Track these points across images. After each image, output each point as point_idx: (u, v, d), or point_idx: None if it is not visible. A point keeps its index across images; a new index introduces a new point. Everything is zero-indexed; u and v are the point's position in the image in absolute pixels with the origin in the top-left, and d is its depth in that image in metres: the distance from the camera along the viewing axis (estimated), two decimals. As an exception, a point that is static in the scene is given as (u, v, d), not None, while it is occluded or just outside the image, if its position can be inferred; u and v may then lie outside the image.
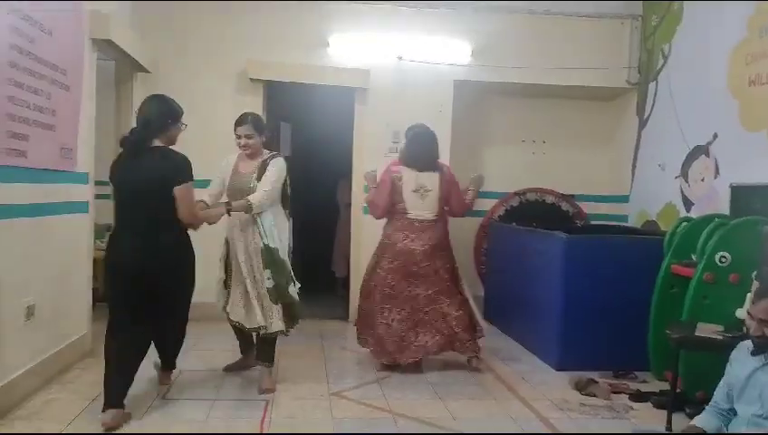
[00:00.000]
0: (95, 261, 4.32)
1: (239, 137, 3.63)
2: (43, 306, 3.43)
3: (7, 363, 3.11)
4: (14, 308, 3.17)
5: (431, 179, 4.02)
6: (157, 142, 3.11)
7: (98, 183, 4.32)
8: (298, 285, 3.62)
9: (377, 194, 4.08)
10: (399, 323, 3.95)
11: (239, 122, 3.66)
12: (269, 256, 3.48)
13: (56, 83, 3.55)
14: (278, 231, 3.56)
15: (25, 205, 3.24)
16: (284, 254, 3.57)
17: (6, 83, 2.98)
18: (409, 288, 3.97)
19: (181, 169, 3.06)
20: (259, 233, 3.49)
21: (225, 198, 3.60)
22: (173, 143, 3.23)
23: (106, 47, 4.27)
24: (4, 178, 3.00)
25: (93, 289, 4.35)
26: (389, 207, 4.03)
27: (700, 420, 2.42)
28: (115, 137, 4.93)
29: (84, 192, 4.06)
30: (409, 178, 4.01)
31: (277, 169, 3.58)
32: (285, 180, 3.66)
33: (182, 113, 3.30)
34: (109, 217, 5.11)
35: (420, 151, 4.06)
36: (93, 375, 3.71)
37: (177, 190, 3.03)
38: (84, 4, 3.93)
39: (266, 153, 3.69)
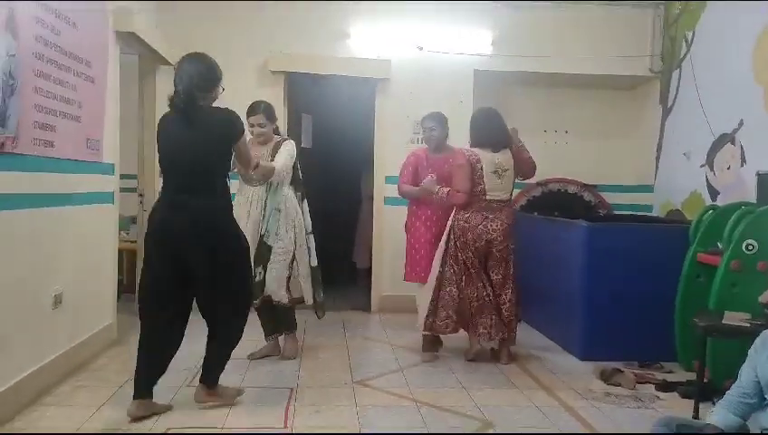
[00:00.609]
0: (119, 252, 4.38)
1: (252, 126, 3.74)
2: (70, 295, 3.48)
3: (37, 350, 3.16)
4: (42, 296, 3.22)
5: (506, 157, 4.01)
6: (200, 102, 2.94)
7: (124, 176, 4.38)
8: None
9: (459, 181, 3.95)
10: (469, 300, 3.94)
11: (252, 111, 3.77)
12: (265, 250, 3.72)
13: (81, 75, 3.59)
14: (287, 219, 3.77)
15: (53, 194, 3.29)
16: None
17: (33, 74, 3.02)
18: (485, 272, 3.98)
19: (238, 123, 3.00)
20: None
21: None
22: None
23: (129, 40, 4.32)
24: (32, 167, 3.04)
25: (118, 280, 4.41)
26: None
27: (718, 418, 2.34)
28: (138, 130, 5.02)
29: (110, 183, 4.12)
30: (486, 159, 3.96)
31: (289, 149, 3.75)
32: (296, 164, 3.84)
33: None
34: (132, 210, 5.20)
35: (493, 130, 4.04)
36: (120, 363, 3.78)
37: (241, 144, 3.02)
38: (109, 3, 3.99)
39: (277, 138, 3.86)
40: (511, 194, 4.08)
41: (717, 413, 2.34)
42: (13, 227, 2.89)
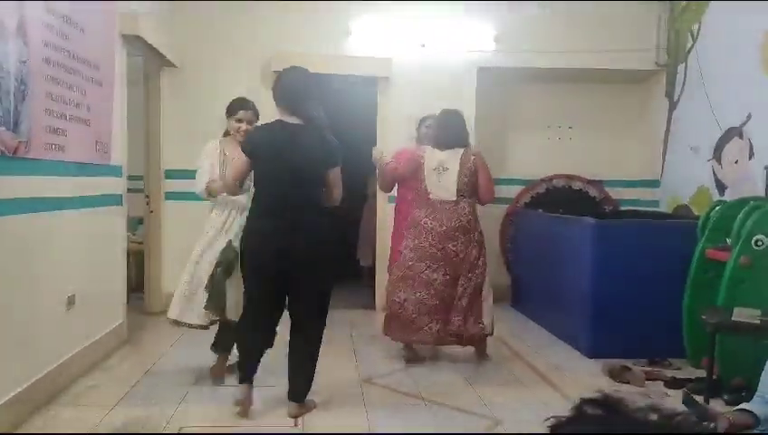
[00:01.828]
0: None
1: (240, 121, 3.52)
2: (82, 296, 3.51)
3: (51, 351, 3.20)
4: (56, 298, 3.26)
5: (452, 157, 3.87)
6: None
7: (130, 177, 4.41)
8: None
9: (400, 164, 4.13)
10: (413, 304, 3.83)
11: (242, 106, 3.55)
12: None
13: (90, 79, 3.61)
14: None
15: (65, 198, 3.32)
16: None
17: (43, 79, 3.05)
18: (427, 271, 3.82)
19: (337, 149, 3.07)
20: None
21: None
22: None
23: (135, 43, 4.34)
24: (44, 171, 3.07)
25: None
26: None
27: (750, 406, 2.36)
28: (144, 131, 5.05)
29: (118, 185, 4.15)
30: (430, 156, 3.91)
31: None
32: None
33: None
34: (139, 211, 5.24)
35: (443, 129, 3.98)
36: (131, 363, 3.82)
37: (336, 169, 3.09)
38: (115, 3, 4.01)
39: None
40: (458, 196, 3.84)
41: (752, 404, 2.35)
42: (27, 230, 2.92)
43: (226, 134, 3.61)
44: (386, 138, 5.44)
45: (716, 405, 3.17)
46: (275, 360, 3.19)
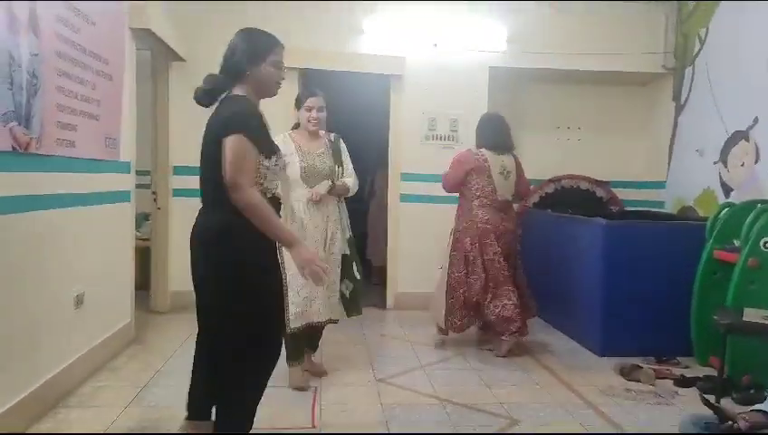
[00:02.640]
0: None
1: (310, 109, 3.29)
2: (91, 295, 3.47)
3: (60, 351, 3.16)
4: (64, 297, 3.21)
5: (509, 161, 4.26)
6: (238, 91, 2.35)
7: (136, 173, 4.36)
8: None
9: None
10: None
11: (311, 93, 3.34)
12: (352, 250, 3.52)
13: (100, 73, 3.56)
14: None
15: (75, 194, 3.27)
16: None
17: (55, 73, 3.00)
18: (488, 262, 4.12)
19: (230, 119, 2.19)
20: (341, 224, 3.44)
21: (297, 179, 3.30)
22: (264, 92, 2.41)
23: (144, 36, 4.30)
24: (54, 168, 3.03)
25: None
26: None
27: (766, 406, 2.38)
28: (152, 127, 5.00)
29: (127, 181, 4.10)
30: (492, 160, 4.18)
31: (347, 153, 3.54)
32: None
33: (269, 48, 2.43)
34: (145, 207, 5.18)
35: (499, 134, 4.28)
36: (140, 363, 3.78)
37: (224, 142, 2.16)
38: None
39: (323, 132, 3.48)
40: (513, 197, 4.31)
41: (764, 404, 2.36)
42: (35, 227, 2.87)
43: (296, 127, 3.48)
44: (398, 135, 5.43)
45: (726, 404, 3.18)
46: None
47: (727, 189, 4.73)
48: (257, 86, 2.37)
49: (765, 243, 3.51)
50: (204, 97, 2.36)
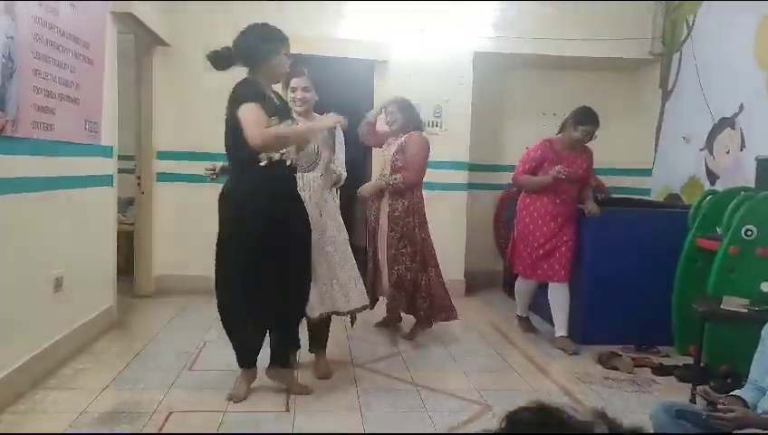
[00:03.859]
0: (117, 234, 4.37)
1: (294, 90, 3.29)
2: (70, 278, 3.47)
3: (38, 334, 3.17)
4: (42, 280, 3.22)
5: None
6: (250, 76, 2.94)
7: (120, 157, 4.35)
8: None
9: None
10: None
11: (293, 74, 3.27)
12: None
13: (79, 57, 3.54)
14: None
15: (53, 178, 3.26)
16: None
17: (32, 56, 2.98)
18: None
19: (236, 94, 2.82)
20: (335, 221, 3.42)
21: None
22: (275, 78, 3.02)
23: (126, 20, 4.26)
24: (32, 151, 3.02)
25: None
26: None
27: (741, 393, 2.39)
28: (135, 111, 4.98)
29: (109, 165, 4.09)
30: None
31: (341, 140, 3.45)
32: None
33: (283, 41, 2.95)
34: (129, 192, 5.17)
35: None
36: (121, 346, 3.80)
37: (239, 113, 2.72)
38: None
39: (315, 114, 3.37)
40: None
41: (743, 391, 2.38)
42: (13, 210, 2.88)
43: None
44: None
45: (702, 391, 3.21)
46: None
47: (713, 177, 4.73)
48: (270, 73, 2.93)
49: (747, 231, 3.50)
50: (215, 60, 3.02)
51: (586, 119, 4.10)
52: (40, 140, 3.09)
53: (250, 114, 2.69)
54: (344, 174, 3.43)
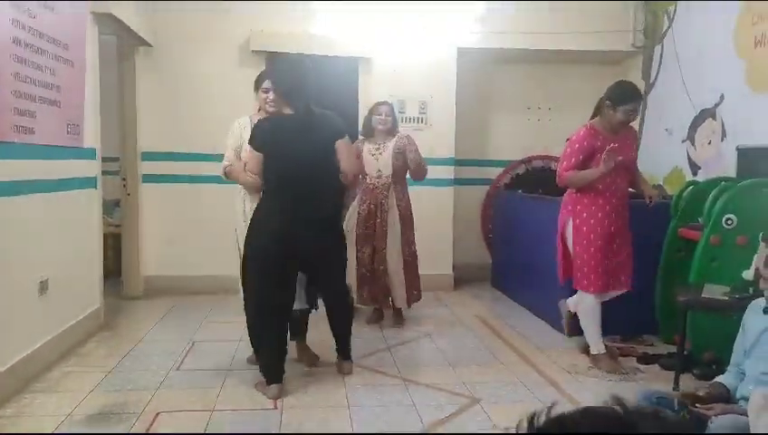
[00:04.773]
0: (104, 237, 4.37)
1: (267, 91, 3.37)
2: (55, 281, 3.47)
3: (23, 337, 3.17)
4: (27, 283, 3.21)
5: None
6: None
7: (105, 159, 4.34)
8: None
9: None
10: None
11: (267, 75, 3.45)
12: None
13: (59, 59, 3.53)
14: None
15: (35, 181, 3.26)
16: None
17: (10, 60, 2.97)
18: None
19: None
20: None
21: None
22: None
23: (107, 21, 4.25)
24: (13, 154, 3.01)
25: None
26: None
27: (723, 379, 2.45)
28: (118, 112, 4.96)
29: (92, 168, 4.08)
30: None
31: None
32: None
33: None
34: (115, 193, 5.16)
35: None
36: (109, 348, 3.80)
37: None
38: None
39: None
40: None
41: (723, 377, 2.43)
42: (-5, 215, 2.87)
43: (260, 109, 3.52)
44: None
45: (686, 379, 3.26)
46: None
47: (695, 168, 4.77)
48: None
49: (727, 220, 3.54)
50: None
51: (627, 96, 3.48)
52: (21, 144, 3.08)
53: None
54: None
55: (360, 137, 4.44)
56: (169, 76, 5.10)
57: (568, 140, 3.70)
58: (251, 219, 3.13)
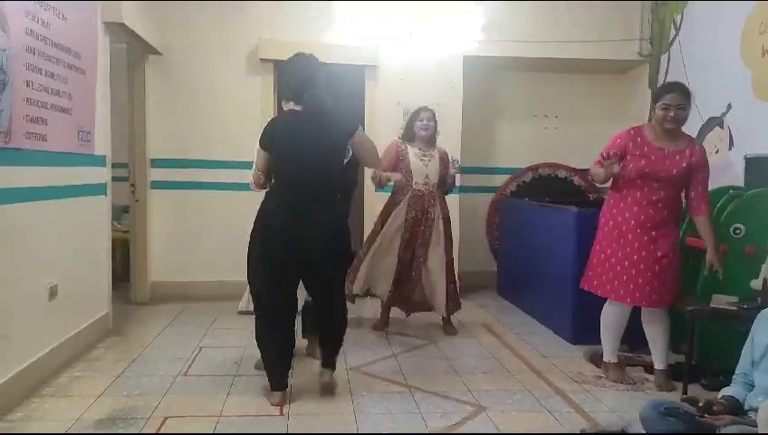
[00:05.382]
0: (112, 242, 4.40)
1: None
2: (65, 286, 3.50)
3: (33, 342, 3.19)
4: (37, 289, 3.24)
5: None
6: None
7: (114, 165, 4.38)
8: None
9: None
10: None
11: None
12: None
13: (71, 67, 3.58)
14: None
15: (46, 187, 3.29)
16: None
17: (24, 68, 3.01)
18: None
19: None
20: None
21: None
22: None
23: (118, 30, 4.30)
24: (25, 161, 3.04)
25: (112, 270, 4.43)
26: None
27: (730, 391, 2.42)
28: (128, 120, 5.01)
29: (102, 174, 4.12)
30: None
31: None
32: None
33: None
34: (124, 199, 5.20)
35: None
36: (117, 353, 3.82)
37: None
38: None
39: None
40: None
41: (731, 387, 2.41)
42: (6, 220, 2.90)
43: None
44: (374, 126, 5.45)
45: (694, 389, 3.25)
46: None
47: (703, 177, 4.75)
48: None
49: (735, 229, 3.53)
50: None
51: (663, 89, 3.35)
52: (33, 151, 3.11)
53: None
54: None
55: (398, 138, 4.42)
56: (178, 84, 5.16)
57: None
58: (255, 218, 3.08)
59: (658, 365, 3.49)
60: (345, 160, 3.36)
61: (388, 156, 4.26)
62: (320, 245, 2.97)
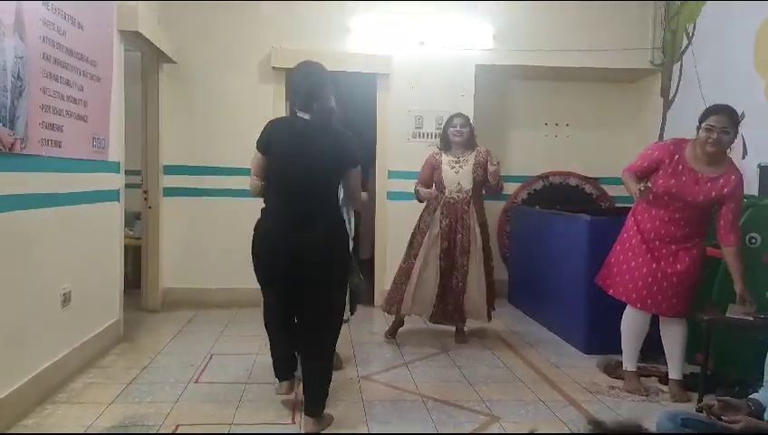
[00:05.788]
0: (125, 248, 4.42)
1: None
2: (78, 293, 3.51)
3: (47, 348, 3.20)
4: (51, 295, 3.25)
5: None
6: None
7: (127, 172, 4.40)
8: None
9: None
10: None
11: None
12: None
13: (87, 75, 3.61)
14: None
15: (61, 194, 3.31)
16: None
17: (40, 75, 3.04)
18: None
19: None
20: None
21: None
22: None
23: (133, 38, 4.33)
24: (40, 167, 3.07)
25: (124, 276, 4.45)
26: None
27: (757, 395, 2.39)
28: (142, 127, 5.05)
29: (116, 181, 4.14)
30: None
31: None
32: None
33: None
34: (136, 206, 5.23)
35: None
36: (128, 360, 3.82)
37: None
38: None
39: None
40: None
41: (760, 392, 2.37)
42: (22, 226, 2.91)
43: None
44: (385, 133, 5.46)
45: (710, 400, 3.19)
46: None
47: (716, 185, 4.72)
48: None
49: (751, 239, 3.50)
50: None
51: (708, 111, 3.22)
52: (48, 157, 3.14)
53: None
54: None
55: (437, 149, 4.41)
56: (192, 92, 5.20)
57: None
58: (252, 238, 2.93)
59: (674, 375, 3.46)
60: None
61: (424, 171, 4.36)
62: (308, 273, 2.75)
